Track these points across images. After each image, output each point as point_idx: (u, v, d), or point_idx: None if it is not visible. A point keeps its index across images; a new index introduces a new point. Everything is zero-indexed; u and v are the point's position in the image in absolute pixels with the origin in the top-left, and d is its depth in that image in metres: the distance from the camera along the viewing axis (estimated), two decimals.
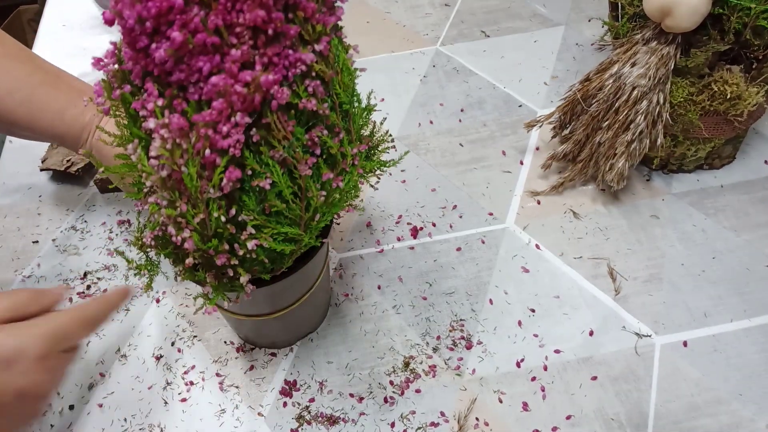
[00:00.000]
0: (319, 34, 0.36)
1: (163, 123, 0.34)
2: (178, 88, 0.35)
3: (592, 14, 0.87)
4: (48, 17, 0.95)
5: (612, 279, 0.60)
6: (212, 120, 0.34)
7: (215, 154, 0.35)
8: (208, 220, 0.37)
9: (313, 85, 0.37)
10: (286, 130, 0.36)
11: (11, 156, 0.75)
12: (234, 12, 0.33)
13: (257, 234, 0.38)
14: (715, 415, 0.51)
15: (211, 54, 0.34)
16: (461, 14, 0.90)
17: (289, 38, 0.35)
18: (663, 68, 0.59)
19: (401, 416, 0.53)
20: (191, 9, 0.33)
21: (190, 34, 0.33)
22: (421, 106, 0.77)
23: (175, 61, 0.34)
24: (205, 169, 0.35)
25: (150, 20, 0.33)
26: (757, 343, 0.55)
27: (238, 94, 0.34)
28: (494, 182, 0.69)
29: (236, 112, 0.34)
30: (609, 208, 0.66)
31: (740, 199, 0.66)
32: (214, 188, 0.36)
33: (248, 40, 0.34)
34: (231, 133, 0.34)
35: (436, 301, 0.60)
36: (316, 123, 0.39)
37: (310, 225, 0.41)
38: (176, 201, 0.36)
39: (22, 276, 0.63)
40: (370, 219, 0.66)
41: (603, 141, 0.63)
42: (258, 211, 0.38)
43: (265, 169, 0.37)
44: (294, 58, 0.35)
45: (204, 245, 0.38)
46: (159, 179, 0.36)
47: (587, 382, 0.54)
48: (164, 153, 0.34)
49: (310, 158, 0.38)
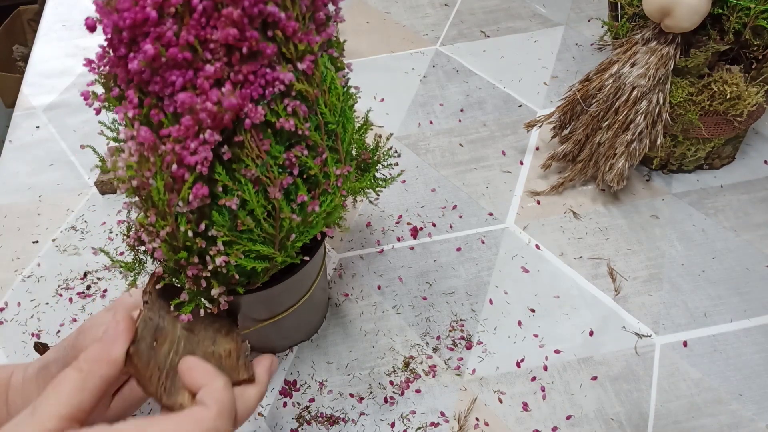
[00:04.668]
0: (301, 53, 0.36)
1: (131, 135, 0.34)
2: (157, 98, 0.35)
3: (591, 14, 0.88)
4: (48, 17, 0.95)
5: (612, 279, 0.60)
6: (179, 135, 0.33)
7: (183, 169, 0.34)
8: (176, 232, 0.36)
9: (293, 105, 0.36)
10: (260, 149, 0.35)
11: (11, 156, 0.75)
12: (208, 28, 0.33)
13: (228, 250, 0.37)
14: (715, 415, 0.51)
15: (184, 68, 0.33)
16: (461, 14, 0.90)
17: (265, 57, 0.34)
18: (663, 68, 0.59)
19: (401, 416, 0.53)
20: (165, 22, 0.32)
21: (162, 47, 0.32)
22: (421, 106, 0.77)
23: (151, 72, 0.34)
24: (176, 182, 0.34)
25: (126, 30, 0.32)
26: (757, 343, 0.55)
27: (208, 112, 0.33)
28: (494, 182, 0.69)
29: (205, 129, 0.33)
30: (609, 208, 0.66)
31: (740, 199, 0.66)
32: (182, 202, 0.35)
33: (222, 56, 0.33)
34: (199, 150, 0.34)
35: (436, 301, 0.60)
36: (297, 142, 0.38)
37: (285, 244, 0.40)
38: (148, 210, 0.36)
39: (22, 276, 0.63)
40: (370, 219, 0.66)
41: (603, 141, 0.63)
42: (229, 227, 0.37)
43: (238, 186, 0.36)
44: (271, 77, 0.34)
45: (174, 256, 0.37)
46: (130, 188, 0.35)
47: (587, 382, 0.54)
48: (131, 164, 0.34)
49: (286, 178, 0.37)
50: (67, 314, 0.60)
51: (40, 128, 0.78)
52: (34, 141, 0.76)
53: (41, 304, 0.61)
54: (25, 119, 0.79)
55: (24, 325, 0.59)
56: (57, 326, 0.59)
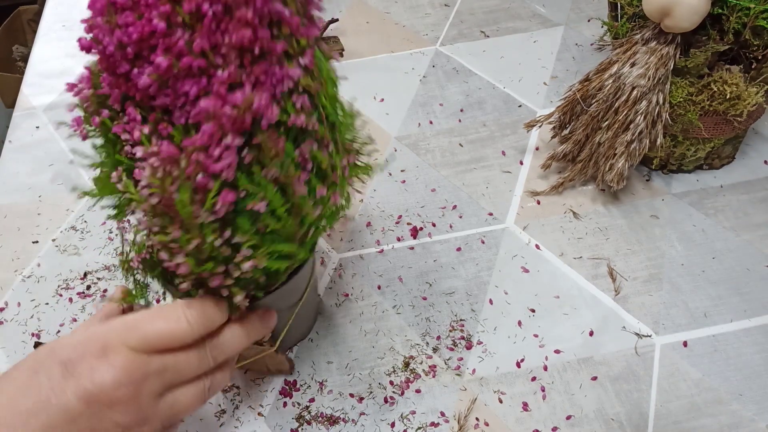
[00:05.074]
0: (303, 47, 0.36)
1: (152, 152, 0.33)
2: (163, 112, 0.34)
3: (591, 14, 0.88)
4: (48, 17, 0.95)
5: (612, 279, 0.60)
6: (203, 144, 0.33)
7: (207, 178, 0.34)
8: (202, 244, 0.35)
9: (301, 100, 0.36)
10: (277, 147, 0.35)
11: (11, 156, 0.75)
12: (219, 33, 0.32)
13: (253, 254, 0.37)
14: (715, 415, 0.51)
15: (197, 77, 0.33)
16: (461, 14, 0.90)
17: (275, 55, 0.34)
18: (662, 68, 0.59)
19: (401, 416, 0.53)
20: (174, 32, 0.32)
21: (174, 59, 0.32)
22: (421, 106, 0.78)
23: (159, 85, 0.33)
24: (197, 193, 0.34)
25: (131, 45, 0.32)
26: (757, 343, 0.55)
27: (229, 116, 0.32)
28: (494, 182, 0.69)
29: (227, 134, 0.33)
30: (609, 208, 0.66)
31: (740, 199, 0.66)
32: (207, 212, 0.34)
33: (234, 60, 0.33)
34: (223, 156, 0.33)
35: (436, 301, 0.60)
36: (305, 138, 0.38)
37: (305, 240, 0.40)
38: (168, 227, 0.35)
39: (22, 276, 0.63)
40: (370, 219, 0.66)
41: (603, 141, 0.63)
42: (252, 231, 0.37)
43: (259, 189, 0.36)
44: (281, 75, 0.34)
45: (199, 269, 0.37)
46: (149, 207, 0.35)
47: (587, 382, 0.54)
48: (155, 182, 0.33)
49: (303, 174, 0.37)
50: (67, 314, 0.60)
51: (40, 128, 0.78)
52: (34, 141, 0.76)
53: (41, 304, 0.61)
54: (25, 119, 0.79)
55: (24, 325, 0.59)
56: (57, 326, 0.59)
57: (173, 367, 0.38)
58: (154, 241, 0.36)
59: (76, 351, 0.36)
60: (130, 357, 0.36)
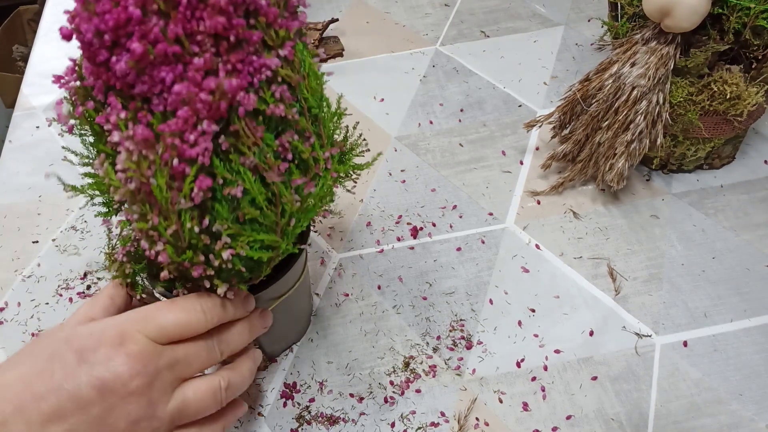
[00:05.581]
0: (282, 39, 0.36)
1: (128, 135, 0.34)
2: (142, 100, 0.35)
3: (591, 14, 0.88)
4: (48, 17, 0.95)
5: (612, 279, 0.60)
6: (178, 129, 0.33)
7: (184, 163, 0.34)
8: (181, 231, 0.36)
9: (280, 90, 0.36)
10: (255, 136, 0.36)
11: (11, 156, 0.75)
12: (194, 20, 0.33)
13: (233, 243, 0.38)
14: (715, 415, 0.51)
15: (173, 63, 0.33)
16: (461, 14, 0.90)
17: (252, 44, 0.34)
18: (662, 68, 0.59)
19: (401, 416, 0.53)
20: (150, 19, 0.32)
21: (150, 45, 0.32)
22: (421, 106, 0.78)
23: (137, 72, 0.33)
24: (175, 179, 0.35)
25: (108, 33, 0.32)
26: (757, 343, 0.55)
27: (203, 102, 0.33)
28: (494, 182, 0.69)
29: (202, 120, 0.34)
30: (609, 208, 0.66)
31: (740, 199, 0.66)
32: (185, 199, 0.35)
33: (210, 47, 0.33)
34: (198, 141, 0.34)
35: (436, 301, 0.60)
36: (285, 128, 0.38)
37: (287, 231, 0.40)
38: (147, 214, 0.36)
39: (22, 276, 0.63)
40: (370, 219, 0.66)
41: (603, 141, 0.63)
42: (232, 219, 0.37)
43: (236, 177, 0.36)
44: (258, 64, 0.35)
45: (178, 257, 0.37)
46: (128, 192, 0.35)
47: (587, 382, 0.54)
48: (131, 165, 0.34)
49: (282, 164, 0.37)
50: (67, 314, 0.60)
51: (40, 128, 0.78)
52: (34, 141, 0.76)
53: (41, 304, 0.61)
54: (25, 119, 0.79)
55: (24, 325, 0.59)
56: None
57: (184, 359, 0.39)
58: (135, 230, 0.37)
59: (91, 339, 0.37)
60: (147, 346, 0.37)
